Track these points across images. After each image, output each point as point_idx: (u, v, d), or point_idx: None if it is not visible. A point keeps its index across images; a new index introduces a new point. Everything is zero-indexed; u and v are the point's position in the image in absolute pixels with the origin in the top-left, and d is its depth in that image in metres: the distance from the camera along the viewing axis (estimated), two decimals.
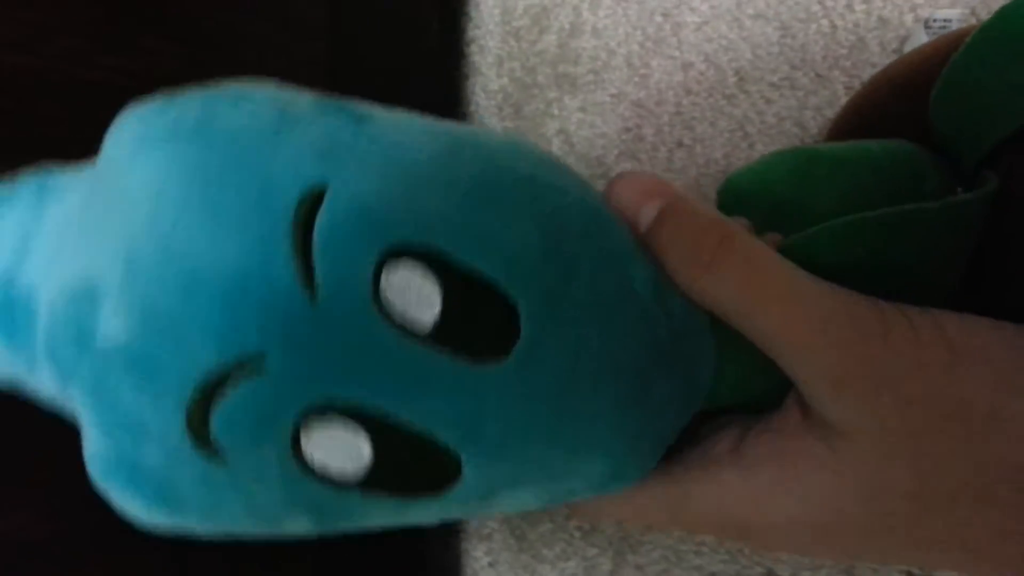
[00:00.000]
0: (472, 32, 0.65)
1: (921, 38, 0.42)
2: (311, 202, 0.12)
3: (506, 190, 0.13)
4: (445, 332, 0.12)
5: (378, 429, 0.13)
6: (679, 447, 0.17)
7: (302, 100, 0.14)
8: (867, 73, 0.44)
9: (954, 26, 0.43)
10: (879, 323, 0.14)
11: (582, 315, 0.14)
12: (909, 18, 0.44)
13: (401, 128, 0.14)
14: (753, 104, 0.49)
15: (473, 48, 0.65)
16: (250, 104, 0.13)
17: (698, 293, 0.15)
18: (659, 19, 0.52)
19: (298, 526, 0.14)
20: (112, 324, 0.12)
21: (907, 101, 0.23)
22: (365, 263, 0.12)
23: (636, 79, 0.55)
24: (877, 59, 0.44)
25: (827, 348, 0.14)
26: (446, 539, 0.49)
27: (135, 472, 0.13)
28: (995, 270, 0.18)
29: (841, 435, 0.14)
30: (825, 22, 0.45)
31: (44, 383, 0.14)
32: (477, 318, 0.13)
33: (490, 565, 0.49)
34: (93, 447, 0.13)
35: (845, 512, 0.14)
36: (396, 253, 0.12)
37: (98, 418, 0.13)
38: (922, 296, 0.16)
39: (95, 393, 0.12)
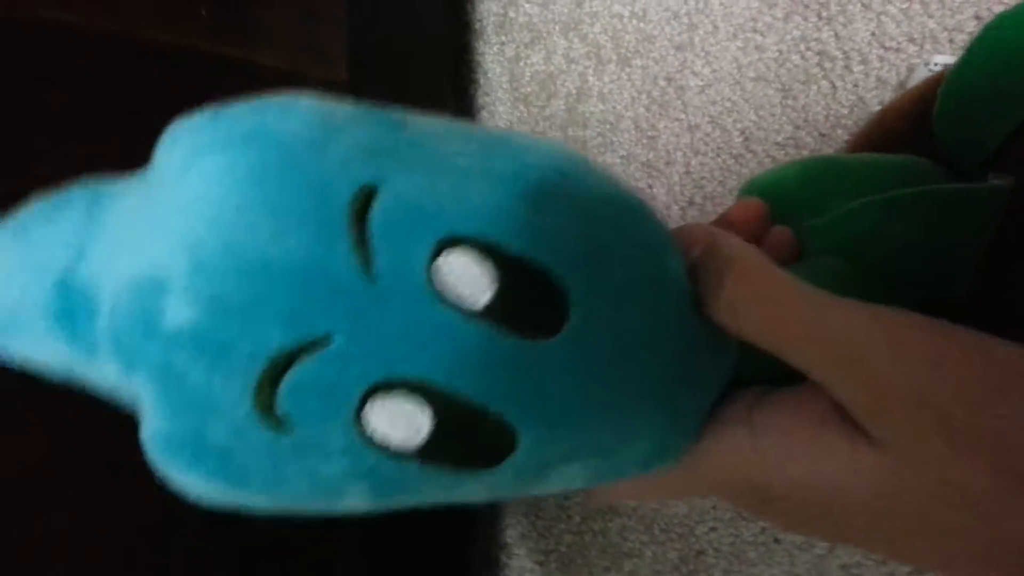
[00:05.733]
0: (481, 99, 0.67)
1: (924, 75, 0.44)
2: (363, 199, 0.13)
3: (541, 184, 0.15)
4: (499, 312, 0.13)
5: (438, 402, 0.13)
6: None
7: (342, 109, 0.15)
8: None
9: None
10: (921, 344, 0.14)
11: (623, 295, 0.15)
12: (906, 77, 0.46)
13: (436, 133, 0.15)
14: (760, 163, 0.50)
15: (484, 115, 0.66)
16: (296, 113, 0.14)
17: (724, 326, 0.16)
18: (663, 83, 0.54)
19: (356, 499, 0.14)
20: (180, 311, 0.13)
21: (911, 129, 0.24)
22: (420, 251, 0.13)
23: (644, 141, 0.56)
24: None
25: (863, 379, 0.14)
26: None
27: (199, 448, 0.13)
28: (1002, 268, 0.18)
29: (871, 442, 0.14)
30: (825, 83, 0.47)
31: (104, 373, 0.14)
32: (528, 299, 0.14)
33: None
34: (155, 427, 0.14)
35: (854, 495, 0.14)
36: (450, 242, 0.13)
37: (164, 399, 0.13)
38: (935, 288, 0.16)
39: (162, 375, 0.13)
